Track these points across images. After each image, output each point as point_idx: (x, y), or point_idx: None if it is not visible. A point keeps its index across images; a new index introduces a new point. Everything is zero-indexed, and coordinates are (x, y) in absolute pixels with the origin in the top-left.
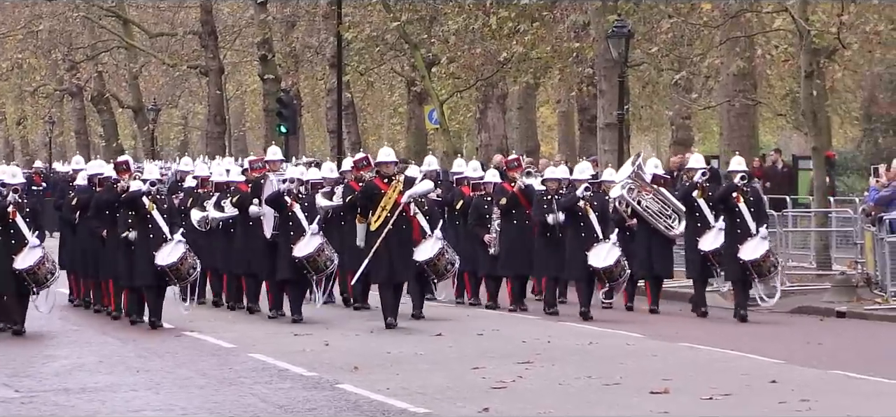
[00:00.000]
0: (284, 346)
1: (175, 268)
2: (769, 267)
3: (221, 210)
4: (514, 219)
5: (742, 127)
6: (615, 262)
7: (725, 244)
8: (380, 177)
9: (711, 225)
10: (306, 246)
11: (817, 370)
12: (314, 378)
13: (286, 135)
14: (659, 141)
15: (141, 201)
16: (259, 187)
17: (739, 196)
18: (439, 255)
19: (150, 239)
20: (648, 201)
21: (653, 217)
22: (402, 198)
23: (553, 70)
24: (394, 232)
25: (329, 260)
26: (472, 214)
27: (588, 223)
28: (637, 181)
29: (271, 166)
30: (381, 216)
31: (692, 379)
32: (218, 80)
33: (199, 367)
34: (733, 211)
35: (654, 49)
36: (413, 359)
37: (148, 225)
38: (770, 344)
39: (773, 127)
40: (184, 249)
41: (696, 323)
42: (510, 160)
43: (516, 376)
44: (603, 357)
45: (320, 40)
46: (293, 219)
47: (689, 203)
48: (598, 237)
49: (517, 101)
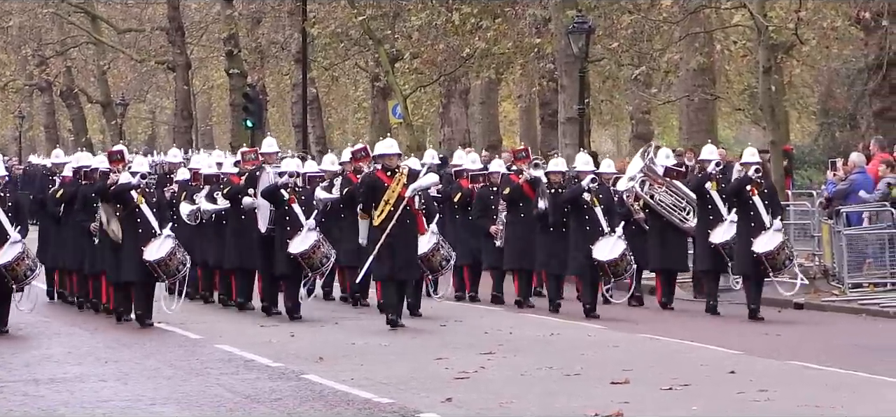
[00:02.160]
0: (251, 337)
1: (163, 264)
2: (784, 259)
3: (214, 202)
4: (520, 212)
5: (701, 121)
6: (620, 255)
7: (738, 238)
8: (382, 170)
9: (724, 218)
10: (302, 242)
11: (775, 361)
12: (280, 368)
13: (252, 130)
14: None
15: (129, 194)
16: (254, 179)
17: (754, 188)
18: (434, 250)
19: (138, 234)
20: (661, 194)
21: (666, 210)
22: (406, 191)
23: (515, 65)
24: (398, 227)
25: (325, 258)
26: (477, 206)
27: (593, 216)
28: (649, 174)
29: (267, 159)
30: (384, 210)
31: (652, 370)
32: (185, 76)
33: (167, 358)
34: (747, 204)
35: (614, 45)
36: (377, 350)
37: (136, 219)
38: (729, 336)
39: (732, 121)
40: (172, 244)
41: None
42: (518, 151)
43: (479, 366)
44: (564, 348)
45: (286, 36)
46: (290, 214)
47: (701, 195)
48: (603, 231)
49: (479, 96)
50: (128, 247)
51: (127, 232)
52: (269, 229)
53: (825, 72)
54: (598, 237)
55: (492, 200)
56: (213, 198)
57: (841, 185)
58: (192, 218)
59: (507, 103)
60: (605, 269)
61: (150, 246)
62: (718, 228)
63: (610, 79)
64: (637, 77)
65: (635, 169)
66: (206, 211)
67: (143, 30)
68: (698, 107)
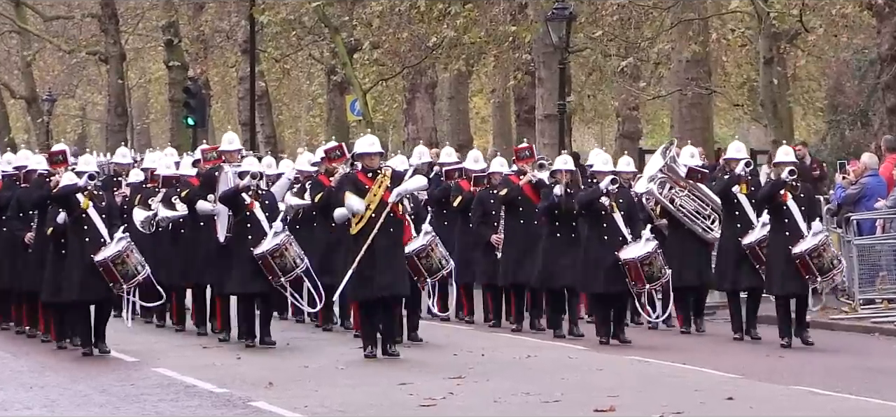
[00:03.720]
0: (192, 360)
1: (120, 261)
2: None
3: (172, 208)
4: (520, 219)
5: (695, 118)
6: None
7: (770, 251)
8: (362, 171)
9: (754, 226)
10: (269, 242)
11: (778, 385)
12: (225, 395)
13: (194, 128)
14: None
15: (75, 198)
16: (212, 180)
17: (787, 193)
18: (432, 245)
19: (84, 244)
20: (683, 199)
21: (688, 217)
22: (389, 195)
23: (487, 56)
24: (381, 238)
25: (298, 257)
26: (476, 211)
27: (612, 224)
28: (670, 175)
29: (227, 157)
30: (364, 218)
31: (641, 396)
32: (119, 68)
33: (99, 383)
34: (781, 211)
35: (598, 33)
36: (333, 374)
37: (83, 227)
38: (726, 357)
39: (730, 118)
40: (126, 243)
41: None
42: (520, 148)
43: (447, 392)
44: (542, 371)
45: (231, 24)
46: (252, 221)
47: (728, 199)
48: (625, 240)
49: (448, 91)
50: (73, 260)
51: (71, 242)
52: (228, 238)
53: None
54: (619, 248)
55: (493, 205)
56: (171, 203)
57: (851, 190)
58: (148, 225)
59: (478, 98)
60: (637, 272)
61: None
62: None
63: (595, 72)
64: (624, 69)
65: (655, 168)
66: (164, 218)
67: (73, 17)
68: (692, 102)
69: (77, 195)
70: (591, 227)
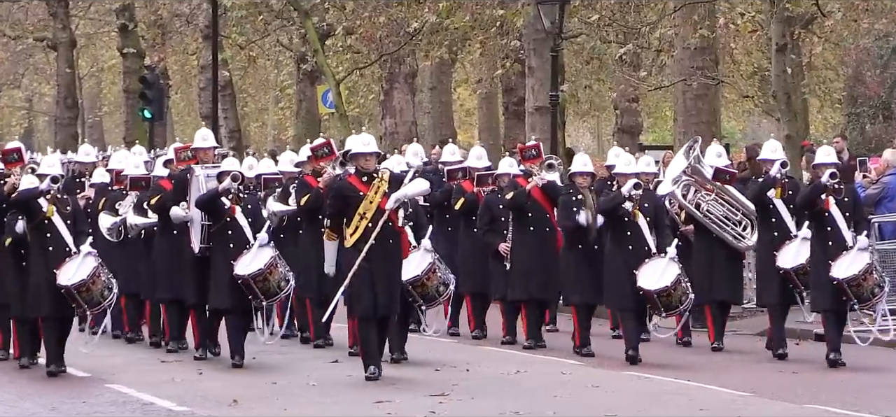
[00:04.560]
0: (149, 375)
1: (85, 288)
2: (873, 286)
3: (144, 214)
4: (530, 225)
5: (700, 111)
6: (674, 282)
7: (812, 262)
8: (356, 175)
9: (792, 235)
10: (253, 261)
11: (791, 404)
12: (185, 413)
13: (151, 122)
14: (600, 128)
15: (37, 203)
16: (184, 183)
17: (829, 198)
18: (429, 273)
19: (48, 253)
20: (710, 203)
21: (716, 224)
22: (386, 202)
23: (472, 43)
24: (377, 249)
25: (283, 280)
26: (483, 217)
27: (637, 232)
28: (694, 177)
29: (201, 156)
30: (359, 227)
31: (640, 415)
32: (69, 55)
33: (48, 400)
34: (822, 218)
35: (594, 17)
36: (303, 391)
37: (46, 234)
38: (735, 373)
39: (739, 111)
40: (95, 264)
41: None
42: (526, 148)
43: (429, 411)
44: (533, 387)
45: (192, 7)
46: (234, 228)
47: (763, 205)
48: (650, 251)
49: (429, 81)
50: (36, 272)
51: (34, 251)
52: (203, 249)
53: (853, 52)
54: (644, 259)
55: (502, 210)
56: (143, 209)
57: (872, 190)
58: (115, 233)
59: (462, 89)
60: (653, 301)
61: (65, 267)
62: (786, 248)
63: (591, 60)
64: (622, 57)
65: (678, 169)
66: (134, 226)
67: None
68: (697, 93)
69: (39, 200)
70: (614, 236)
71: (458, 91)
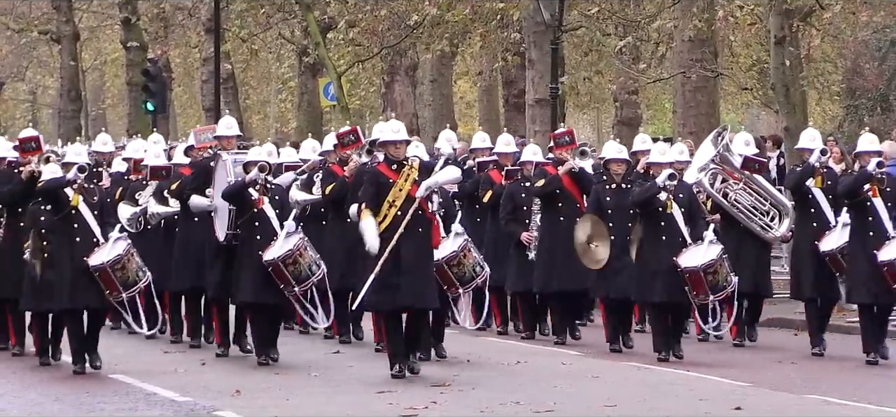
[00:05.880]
0: (152, 366)
1: (120, 266)
2: None
3: (165, 203)
4: (560, 216)
5: (699, 103)
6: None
7: (852, 254)
8: (385, 163)
9: (831, 225)
10: (281, 246)
11: (791, 395)
12: (188, 404)
13: (153, 114)
14: (600, 120)
15: (64, 193)
16: (207, 171)
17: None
18: (464, 251)
19: (75, 244)
20: (738, 192)
21: (744, 213)
22: (417, 190)
23: (473, 35)
24: (407, 239)
25: (314, 264)
26: (505, 206)
27: (671, 224)
28: (723, 165)
29: (224, 144)
30: (388, 216)
31: (640, 406)
32: (72, 49)
33: (52, 390)
34: (864, 209)
35: (593, 10)
36: (306, 382)
37: (72, 225)
38: (734, 364)
39: (737, 103)
40: (126, 244)
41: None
42: (559, 134)
43: (429, 401)
44: (534, 379)
45: (194, 1)
46: (261, 219)
47: (801, 195)
48: (685, 242)
49: (430, 73)
50: (61, 264)
51: (59, 242)
52: (228, 236)
53: (851, 44)
54: (678, 251)
55: (525, 199)
56: (163, 197)
57: None
58: (134, 223)
59: (463, 81)
60: (700, 281)
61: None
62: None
63: (590, 53)
64: (622, 49)
65: (706, 157)
66: (155, 215)
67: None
68: (696, 85)
69: (65, 190)
70: (647, 228)
71: (459, 83)
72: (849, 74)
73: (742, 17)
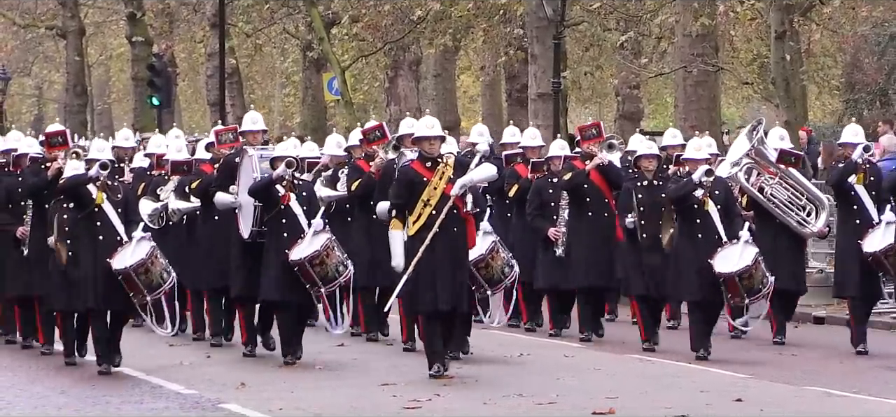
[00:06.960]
0: (158, 359)
1: (143, 269)
2: None
3: (186, 198)
4: (588, 210)
5: (701, 97)
6: (754, 261)
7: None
8: (419, 160)
9: (874, 222)
10: (307, 246)
11: (791, 386)
12: (193, 396)
13: (159, 109)
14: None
15: (87, 190)
16: (231, 167)
17: None
18: (493, 252)
19: (98, 243)
20: (774, 187)
21: (780, 208)
22: (451, 188)
23: (476, 30)
24: (441, 238)
25: (342, 265)
26: (532, 201)
27: (707, 221)
28: (758, 159)
29: (249, 139)
30: (422, 215)
31: (642, 398)
32: (78, 44)
33: (58, 383)
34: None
35: (596, 5)
36: (310, 374)
37: (96, 223)
38: (735, 356)
39: (738, 97)
40: (151, 246)
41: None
42: (585, 128)
43: (433, 394)
44: (537, 371)
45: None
46: (288, 217)
47: (843, 192)
48: (721, 240)
49: (433, 68)
50: (85, 262)
51: (82, 241)
52: (253, 233)
53: (851, 39)
54: (714, 249)
55: (552, 194)
56: (184, 193)
57: None
58: (156, 219)
59: (466, 76)
60: (734, 286)
61: (119, 255)
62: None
63: (592, 47)
64: (624, 44)
65: (740, 151)
66: (176, 211)
67: None
68: (697, 80)
69: (88, 187)
70: (682, 225)
71: (462, 78)
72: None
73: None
